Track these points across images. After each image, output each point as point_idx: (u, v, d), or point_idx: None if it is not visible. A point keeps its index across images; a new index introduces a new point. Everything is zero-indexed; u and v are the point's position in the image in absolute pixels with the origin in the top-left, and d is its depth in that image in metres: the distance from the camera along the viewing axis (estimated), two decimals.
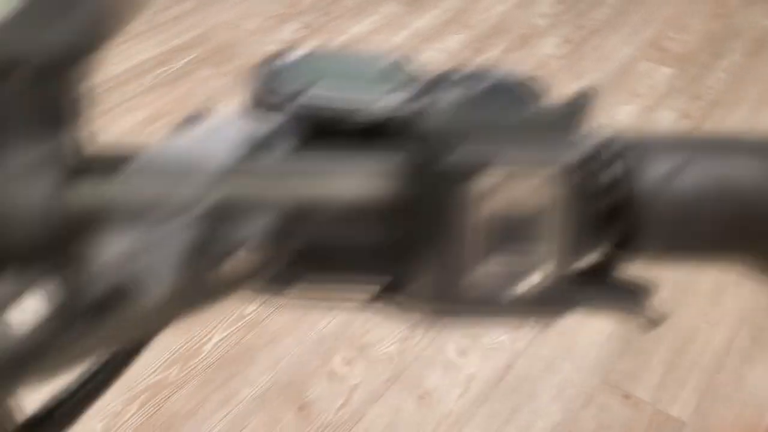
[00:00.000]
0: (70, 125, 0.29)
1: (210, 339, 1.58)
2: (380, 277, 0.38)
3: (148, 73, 2.40)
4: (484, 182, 0.31)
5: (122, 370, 0.41)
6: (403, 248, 0.34)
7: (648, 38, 2.68)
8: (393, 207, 0.33)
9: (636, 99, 2.38)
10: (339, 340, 1.58)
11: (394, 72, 0.40)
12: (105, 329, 0.31)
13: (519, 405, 1.48)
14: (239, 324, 1.61)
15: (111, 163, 0.31)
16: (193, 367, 1.53)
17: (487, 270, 0.33)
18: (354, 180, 0.33)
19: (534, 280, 0.33)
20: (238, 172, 0.32)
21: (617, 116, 2.26)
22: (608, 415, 1.47)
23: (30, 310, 0.28)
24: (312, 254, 0.35)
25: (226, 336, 1.59)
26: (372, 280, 0.38)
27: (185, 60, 2.47)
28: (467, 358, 1.56)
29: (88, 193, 0.30)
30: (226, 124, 0.33)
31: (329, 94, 0.36)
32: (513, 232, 0.32)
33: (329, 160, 0.34)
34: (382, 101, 0.37)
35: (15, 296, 0.28)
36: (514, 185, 0.32)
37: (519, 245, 0.33)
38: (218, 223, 0.30)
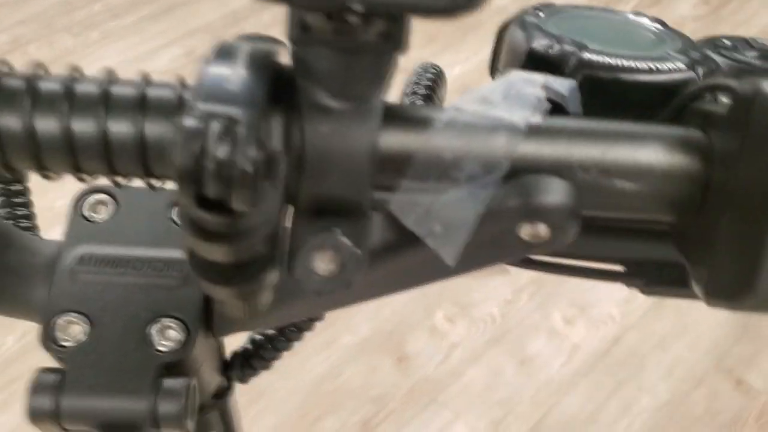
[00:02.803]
0: (386, 79, 0.29)
1: None
2: (660, 256, 0.36)
3: None
4: None
5: (312, 326, 0.46)
6: (703, 230, 0.31)
7: None
8: (699, 185, 0.30)
9: None
10: (442, 296, 1.56)
11: (662, 35, 0.37)
12: (385, 277, 0.34)
13: (624, 380, 1.43)
14: None
15: (418, 118, 0.31)
16: None
17: None
18: (661, 150, 0.30)
19: None
20: (541, 132, 0.30)
21: None
22: (718, 400, 1.41)
23: (336, 256, 0.30)
24: (596, 225, 0.33)
25: None
26: (649, 257, 0.37)
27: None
28: (573, 327, 1.51)
29: (398, 144, 0.30)
30: (523, 83, 0.32)
31: (609, 57, 0.34)
32: None
33: (634, 127, 0.31)
34: (665, 66, 0.34)
35: (326, 242, 0.30)
36: None
37: None
38: (519, 185, 0.30)
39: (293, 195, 0.30)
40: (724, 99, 0.32)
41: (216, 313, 0.39)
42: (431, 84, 0.42)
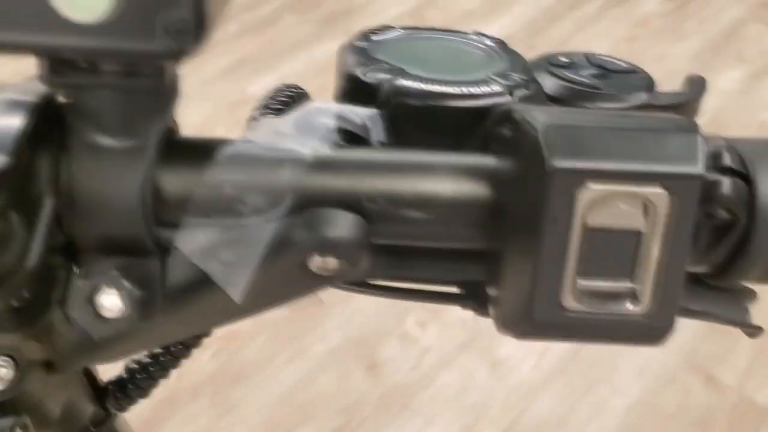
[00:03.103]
0: (162, 115, 0.29)
1: None
2: (464, 282, 0.36)
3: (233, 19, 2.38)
4: (589, 192, 0.28)
5: (191, 352, 0.44)
6: (493, 256, 0.31)
7: None
8: (487, 211, 0.30)
9: (742, 65, 2.22)
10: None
11: (493, 56, 0.37)
12: (185, 317, 0.33)
13: (596, 380, 1.44)
14: None
15: (201, 152, 0.30)
16: (265, 318, 1.53)
17: (582, 288, 0.29)
18: (449, 179, 0.31)
19: (629, 308, 0.29)
20: (328, 164, 0.30)
21: (720, 84, 2.13)
22: (690, 397, 1.41)
23: (115, 298, 0.29)
24: (396, 253, 0.33)
25: None
26: (455, 283, 0.36)
27: (272, 8, 2.44)
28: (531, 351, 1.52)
29: (178, 182, 0.30)
30: (316, 113, 0.32)
31: (423, 82, 0.34)
32: (614, 249, 0.28)
33: (423, 156, 0.31)
34: (479, 91, 0.34)
35: (103, 284, 0.29)
36: (621, 196, 0.28)
37: (619, 264, 0.29)
38: (305, 218, 0.30)
39: (71, 234, 0.30)
40: (511, 127, 0.32)
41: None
42: (286, 101, 0.40)
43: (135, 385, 0.45)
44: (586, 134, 0.28)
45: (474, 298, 0.37)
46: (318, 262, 0.30)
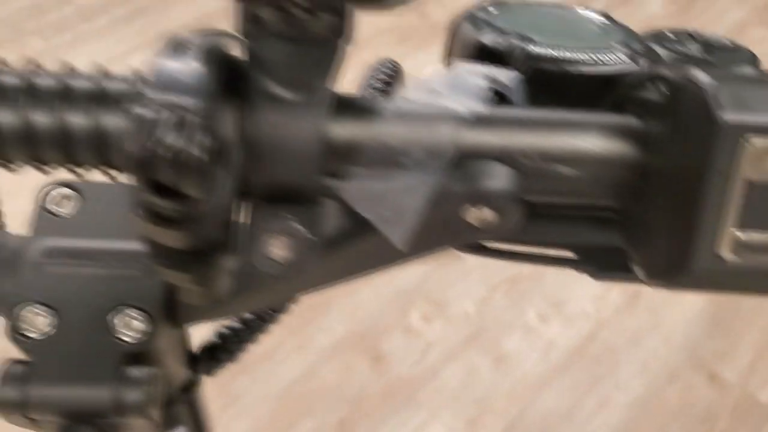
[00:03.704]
0: (336, 69, 0.30)
1: None
2: (605, 242, 0.37)
3: None
4: (753, 145, 0.29)
5: (279, 318, 0.47)
6: (640, 212, 0.32)
7: (762, 0, 2.53)
8: (636, 168, 0.32)
9: None
10: (417, 295, 1.56)
11: (606, 28, 0.39)
12: (341, 263, 0.35)
13: (600, 376, 1.44)
14: None
15: (365, 107, 0.32)
16: None
17: (740, 240, 0.30)
18: (599, 137, 0.32)
19: None
20: (484, 121, 0.32)
21: None
22: (692, 394, 1.42)
23: (289, 241, 0.31)
24: (546, 212, 0.35)
25: None
26: (574, 247, 0.38)
27: None
28: (548, 324, 1.52)
29: (348, 132, 0.31)
30: (467, 74, 0.33)
31: (554, 49, 0.36)
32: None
33: (573, 115, 0.33)
34: (608, 58, 0.36)
35: (278, 229, 0.31)
36: None
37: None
38: (463, 170, 0.31)
39: (248, 184, 0.31)
40: (662, 89, 0.34)
41: (179, 303, 0.39)
42: (387, 79, 0.43)
43: (225, 349, 0.47)
44: (747, 91, 0.29)
45: (592, 262, 0.39)
46: (474, 213, 0.31)
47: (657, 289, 0.33)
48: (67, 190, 0.42)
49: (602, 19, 0.40)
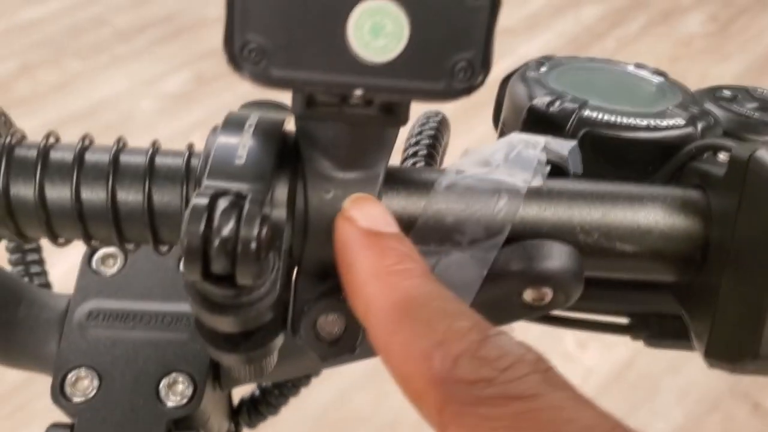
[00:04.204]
0: (391, 146, 0.30)
1: None
2: (661, 309, 0.36)
3: None
4: None
5: (320, 372, 0.46)
6: (703, 288, 0.31)
7: None
8: (700, 244, 0.31)
9: None
10: None
11: (662, 88, 0.38)
12: None
13: (638, 403, 1.42)
14: None
15: (419, 181, 0.31)
16: None
17: None
18: (661, 212, 0.31)
19: None
20: (542, 196, 0.31)
21: None
22: (734, 424, 1.39)
23: (337, 320, 0.30)
24: (591, 284, 0.33)
25: None
26: (632, 314, 0.38)
27: None
28: (586, 350, 1.50)
29: (400, 207, 0.31)
30: (524, 145, 0.32)
31: (610, 114, 0.35)
32: None
33: (633, 188, 0.32)
34: (664, 123, 0.35)
35: (327, 306, 0.30)
36: None
37: None
38: (522, 249, 0.30)
39: (297, 258, 0.31)
40: (722, 156, 0.33)
41: (224, 367, 0.39)
42: (434, 133, 0.42)
43: (268, 402, 0.47)
44: None
45: (647, 328, 0.38)
46: (532, 293, 0.30)
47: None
48: (112, 249, 0.42)
49: (657, 77, 0.39)
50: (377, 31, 0.23)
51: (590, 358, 1.49)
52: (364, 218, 0.28)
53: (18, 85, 2.01)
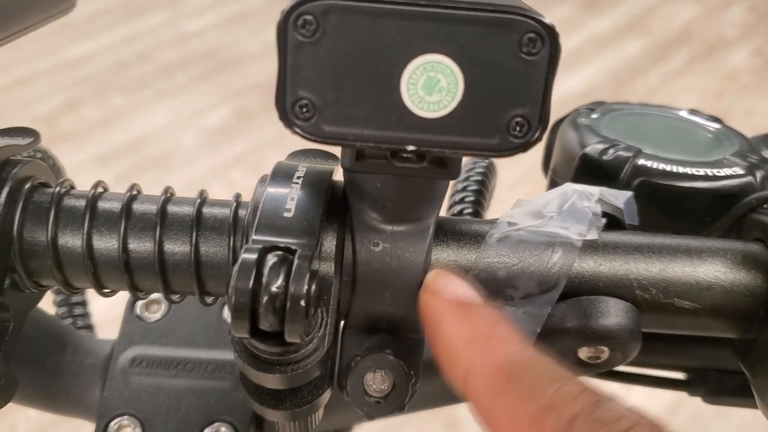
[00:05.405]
0: (442, 199, 0.29)
1: None
2: (720, 364, 0.36)
3: None
4: None
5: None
6: (763, 347, 0.30)
7: None
8: (762, 300, 0.30)
9: None
10: None
11: (718, 134, 0.37)
12: (435, 392, 0.35)
13: None
14: None
15: (470, 233, 0.30)
16: None
17: None
18: (721, 267, 0.30)
19: None
20: (598, 249, 0.30)
21: None
22: None
23: (385, 377, 0.29)
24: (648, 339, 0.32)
25: None
26: (710, 365, 0.37)
27: None
28: (633, 392, 1.46)
29: (451, 261, 0.30)
30: (579, 197, 0.31)
31: (664, 163, 0.34)
32: None
33: (692, 241, 0.31)
34: (721, 172, 0.34)
35: (376, 362, 0.29)
36: None
37: None
38: (578, 306, 0.29)
39: (345, 311, 0.30)
40: None
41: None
42: (481, 178, 0.41)
43: None
44: None
45: (705, 384, 0.37)
46: (588, 351, 0.29)
47: None
48: (156, 296, 0.41)
49: (713, 123, 0.38)
50: (431, 86, 0.23)
51: (636, 399, 1.45)
52: (449, 292, 0.27)
53: (63, 121, 2.05)
